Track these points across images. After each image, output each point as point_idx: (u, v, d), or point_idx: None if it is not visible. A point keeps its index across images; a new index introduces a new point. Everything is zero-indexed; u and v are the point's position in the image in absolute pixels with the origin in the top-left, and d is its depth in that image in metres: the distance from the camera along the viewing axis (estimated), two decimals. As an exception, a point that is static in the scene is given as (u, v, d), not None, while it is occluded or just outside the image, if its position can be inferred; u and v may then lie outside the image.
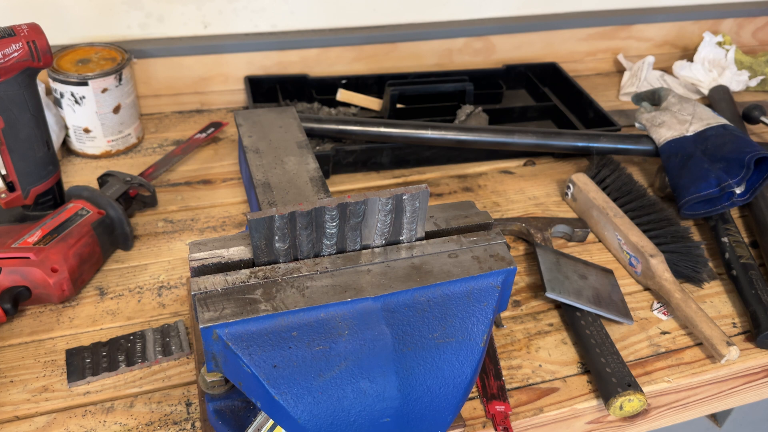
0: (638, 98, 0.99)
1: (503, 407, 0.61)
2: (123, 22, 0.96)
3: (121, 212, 0.74)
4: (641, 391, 0.62)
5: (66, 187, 0.77)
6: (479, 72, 1.11)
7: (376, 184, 0.91)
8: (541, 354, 0.68)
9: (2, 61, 0.63)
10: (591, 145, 0.92)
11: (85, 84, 0.84)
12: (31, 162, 0.70)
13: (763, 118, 1.04)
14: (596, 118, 1.02)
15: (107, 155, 0.91)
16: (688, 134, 0.89)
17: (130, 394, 0.61)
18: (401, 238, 0.51)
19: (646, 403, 0.63)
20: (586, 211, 0.86)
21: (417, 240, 0.52)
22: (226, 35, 1.01)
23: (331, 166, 0.89)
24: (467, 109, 0.99)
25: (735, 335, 0.73)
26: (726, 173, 0.82)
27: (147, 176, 0.86)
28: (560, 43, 1.18)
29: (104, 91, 0.86)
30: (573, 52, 1.20)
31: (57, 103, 0.88)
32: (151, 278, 0.73)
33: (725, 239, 0.82)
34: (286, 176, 0.64)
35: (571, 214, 0.88)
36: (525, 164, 0.97)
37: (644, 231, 0.81)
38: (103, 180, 0.79)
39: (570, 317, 0.70)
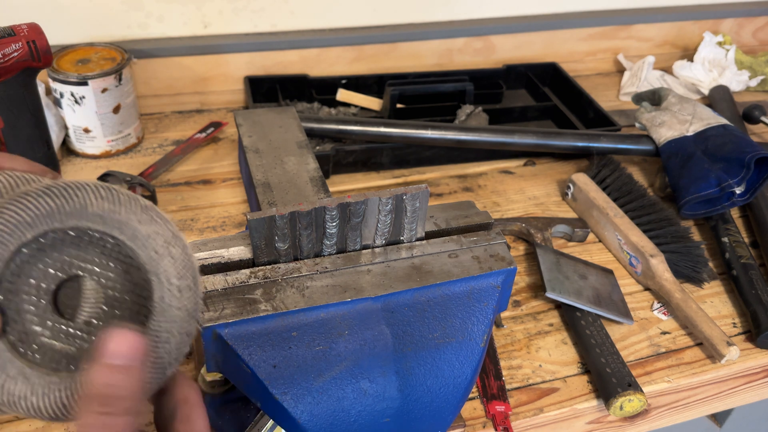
0: (638, 98, 0.99)
1: (503, 407, 0.61)
2: (123, 22, 0.96)
3: (121, 212, 0.74)
4: (641, 391, 0.62)
5: (66, 187, 0.77)
6: (479, 72, 1.11)
7: (376, 184, 0.91)
8: (542, 354, 0.68)
9: (2, 60, 0.63)
10: (591, 145, 0.92)
11: (85, 84, 0.84)
12: (31, 162, 0.70)
13: (763, 118, 1.04)
14: (596, 118, 1.02)
15: (107, 155, 0.91)
16: (689, 134, 0.89)
17: (130, 394, 0.61)
18: (401, 238, 0.51)
19: (647, 403, 0.63)
20: (586, 211, 0.86)
21: (417, 240, 0.52)
22: (226, 35, 1.01)
23: (331, 166, 0.89)
24: (467, 109, 0.99)
25: (735, 335, 0.73)
26: (726, 173, 0.82)
27: (147, 176, 0.86)
28: (560, 43, 1.18)
29: (104, 91, 0.86)
30: (573, 52, 1.20)
31: (57, 103, 0.88)
32: (151, 278, 0.73)
33: (725, 239, 0.82)
34: (286, 176, 0.64)
35: (572, 214, 0.88)
36: (525, 164, 0.97)
37: (644, 231, 0.81)
38: (102, 180, 0.79)
39: (570, 317, 0.70)
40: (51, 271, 0.32)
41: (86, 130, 0.89)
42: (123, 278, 0.33)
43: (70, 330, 0.33)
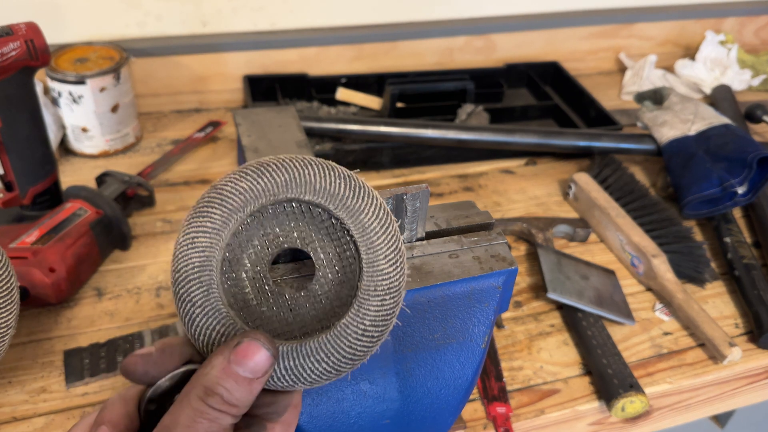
0: (640, 97, 0.99)
1: (504, 409, 0.61)
2: (121, 21, 0.96)
3: (119, 212, 0.74)
4: (643, 392, 0.62)
5: (64, 186, 0.77)
6: (480, 71, 1.11)
7: (376, 184, 0.90)
8: (543, 355, 0.68)
9: (0, 60, 0.63)
10: (593, 144, 0.92)
11: (83, 83, 0.84)
12: (29, 161, 0.70)
13: (765, 118, 1.04)
14: (598, 118, 1.02)
15: (105, 155, 0.91)
16: (690, 134, 0.88)
17: (128, 395, 0.60)
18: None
19: (648, 404, 0.63)
20: (587, 210, 0.85)
21: (417, 240, 0.51)
22: (225, 34, 1.01)
23: (330, 165, 0.89)
24: (468, 108, 0.98)
25: (737, 336, 0.72)
26: (728, 173, 0.82)
27: (145, 176, 0.85)
28: (562, 42, 1.18)
29: (102, 90, 0.85)
30: (574, 51, 1.20)
31: (55, 102, 0.87)
32: (150, 279, 0.72)
33: (727, 239, 0.81)
34: (285, 176, 0.63)
35: (573, 214, 0.87)
36: (526, 164, 0.96)
37: (646, 231, 0.80)
38: (101, 180, 0.79)
39: (571, 318, 0.70)
40: (285, 234, 0.36)
41: (84, 130, 0.88)
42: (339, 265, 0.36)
43: (266, 287, 0.36)
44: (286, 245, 0.36)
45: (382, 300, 0.34)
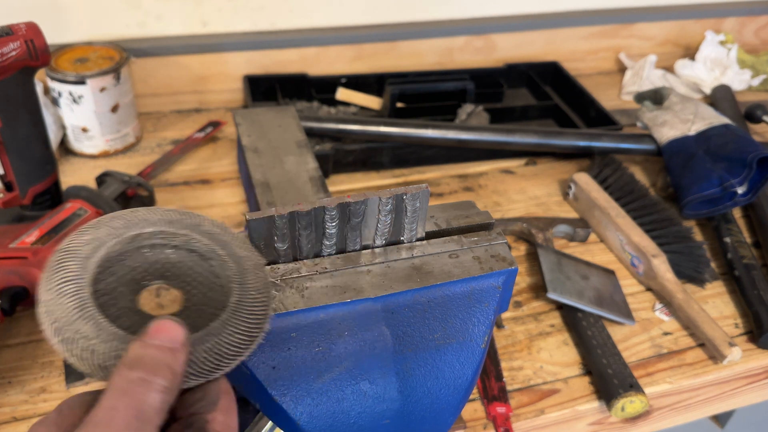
0: (640, 97, 0.99)
1: (504, 409, 0.61)
2: (121, 21, 0.96)
3: (120, 212, 0.73)
4: (643, 392, 0.62)
5: (64, 186, 0.77)
6: (480, 71, 1.11)
7: (376, 184, 0.90)
8: (543, 355, 0.68)
9: (0, 60, 0.63)
10: (593, 144, 0.92)
11: (83, 83, 0.84)
12: (30, 161, 0.70)
13: (765, 118, 1.04)
14: (598, 118, 1.02)
15: (105, 155, 0.91)
16: (690, 134, 0.88)
17: (128, 395, 0.60)
18: (402, 238, 0.51)
19: (648, 404, 0.63)
20: (587, 210, 0.85)
21: (417, 240, 0.52)
22: (225, 34, 1.01)
23: (330, 165, 0.89)
24: (468, 108, 0.98)
25: (737, 336, 0.72)
26: (728, 173, 0.82)
27: (145, 176, 0.85)
28: (562, 42, 1.18)
29: (102, 90, 0.85)
30: (574, 51, 1.20)
31: (55, 102, 0.87)
32: (150, 278, 0.72)
33: (727, 239, 0.81)
34: (285, 176, 0.63)
35: (573, 214, 0.87)
36: (526, 164, 0.96)
37: (646, 231, 0.80)
38: (101, 180, 0.79)
39: (571, 318, 0.70)
40: (153, 259, 0.40)
41: (84, 130, 0.88)
42: (208, 281, 0.40)
43: (147, 315, 0.37)
44: (151, 275, 0.39)
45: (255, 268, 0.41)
